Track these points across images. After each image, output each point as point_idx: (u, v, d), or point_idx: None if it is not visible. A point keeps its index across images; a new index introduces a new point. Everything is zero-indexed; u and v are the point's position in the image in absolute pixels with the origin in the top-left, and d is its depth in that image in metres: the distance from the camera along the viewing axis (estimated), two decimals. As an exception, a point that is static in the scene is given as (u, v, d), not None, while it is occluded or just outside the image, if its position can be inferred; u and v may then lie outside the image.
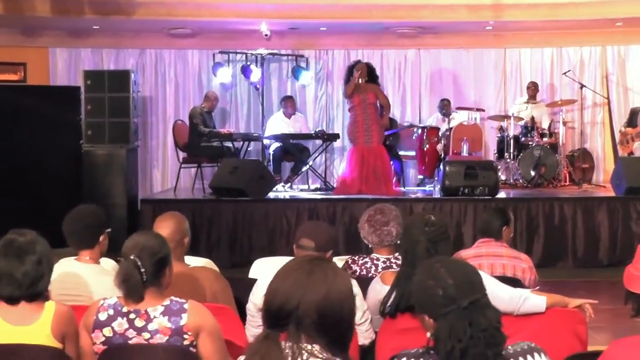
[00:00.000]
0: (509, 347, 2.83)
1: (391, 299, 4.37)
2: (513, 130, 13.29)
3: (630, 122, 13.54)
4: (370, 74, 12.22)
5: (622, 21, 13.37)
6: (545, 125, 13.68)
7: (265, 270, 5.76)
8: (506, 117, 13.52)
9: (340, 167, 14.54)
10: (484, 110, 13.93)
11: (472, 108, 13.73)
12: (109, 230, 5.14)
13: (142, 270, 3.90)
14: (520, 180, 12.97)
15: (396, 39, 14.50)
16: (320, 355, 2.57)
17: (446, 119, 13.69)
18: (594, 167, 14.21)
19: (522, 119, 13.47)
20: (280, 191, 12.41)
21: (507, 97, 14.92)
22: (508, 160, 13.10)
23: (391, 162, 12.57)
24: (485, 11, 13.01)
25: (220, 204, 11.33)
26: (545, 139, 13.29)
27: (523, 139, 13.29)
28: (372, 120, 12.03)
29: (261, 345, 2.59)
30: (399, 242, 5.63)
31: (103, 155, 11.71)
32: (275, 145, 13.16)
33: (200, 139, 12.90)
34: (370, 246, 5.61)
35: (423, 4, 12.89)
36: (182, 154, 13.16)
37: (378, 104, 12.20)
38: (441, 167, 11.58)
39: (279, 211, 11.35)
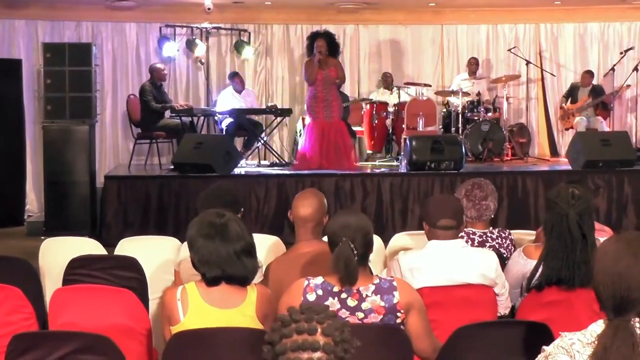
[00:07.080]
0: None
1: (538, 273, 4.41)
2: (458, 105, 13.43)
3: (571, 98, 13.94)
4: (331, 47, 11.86)
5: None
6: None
7: None
8: (454, 92, 13.64)
9: (279, 141, 14.50)
10: (430, 86, 14.07)
11: (420, 83, 13.84)
12: (243, 210, 4.99)
13: (355, 252, 3.83)
14: (469, 155, 13.05)
15: (335, 14, 14.51)
16: None
17: (391, 93, 13.80)
18: (530, 141, 14.55)
19: (468, 94, 13.64)
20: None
21: (444, 73, 15.11)
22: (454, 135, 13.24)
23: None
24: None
25: (187, 180, 11.07)
26: (490, 114, 13.46)
27: (469, 114, 13.45)
28: (332, 96, 11.75)
29: (616, 336, 2.49)
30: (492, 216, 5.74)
31: (64, 131, 11.26)
32: (228, 120, 12.95)
33: (153, 115, 12.60)
34: (464, 220, 5.64)
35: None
36: (136, 130, 12.82)
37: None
38: (407, 142, 11.53)
39: (248, 187, 11.18)
